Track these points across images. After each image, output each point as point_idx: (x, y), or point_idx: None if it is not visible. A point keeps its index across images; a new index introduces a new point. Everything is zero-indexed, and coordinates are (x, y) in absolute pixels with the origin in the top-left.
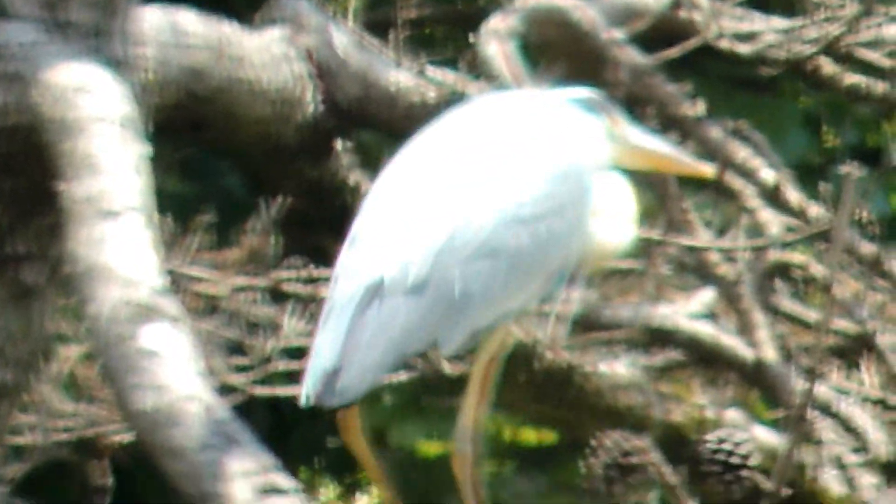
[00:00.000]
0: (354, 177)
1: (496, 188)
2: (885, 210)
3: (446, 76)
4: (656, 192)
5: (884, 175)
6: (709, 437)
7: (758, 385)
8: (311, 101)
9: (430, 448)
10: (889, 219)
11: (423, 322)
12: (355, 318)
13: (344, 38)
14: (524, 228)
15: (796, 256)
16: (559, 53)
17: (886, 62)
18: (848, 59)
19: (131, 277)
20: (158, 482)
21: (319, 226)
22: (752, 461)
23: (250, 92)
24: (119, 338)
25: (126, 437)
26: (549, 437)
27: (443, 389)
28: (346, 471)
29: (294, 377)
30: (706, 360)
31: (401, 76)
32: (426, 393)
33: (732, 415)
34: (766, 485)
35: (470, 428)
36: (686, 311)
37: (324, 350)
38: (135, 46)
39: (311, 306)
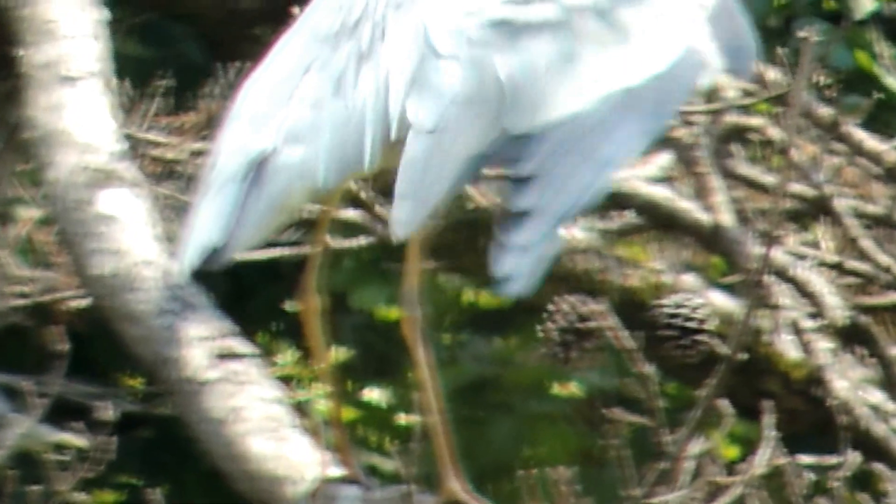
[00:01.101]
0: None
1: None
2: (847, 64)
3: None
4: None
5: (842, 35)
6: (665, 301)
7: (714, 249)
8: None
9: (388, 312)
10: (851, 74)
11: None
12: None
13: None
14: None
15: (753, 120)
16: None
17: None
18: None
19: (89, 142)
20: (115, 348)
21: None
22: (709, 325)
23: None
24: (77, 203)
25: (83, 303)
26: (506, 300)
27: (401, 254)
28: (303, 335)
29: None
30: (663, 224)
31: None
32: (385, 258)
33: (689, 279)
34: (722, 349)
35: (416, 290)
36: (643, 175)
37: (204, 226)
38: None
39: None
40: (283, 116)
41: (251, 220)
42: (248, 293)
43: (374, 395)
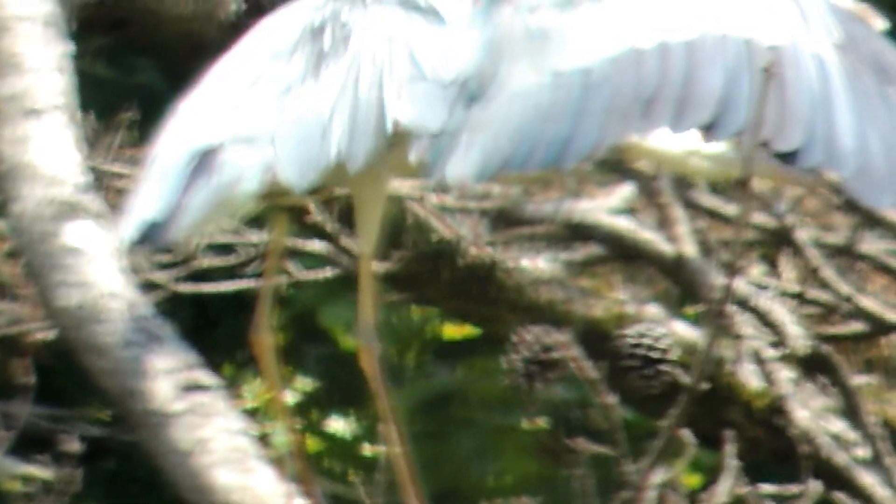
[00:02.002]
0: None
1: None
2: None
3: None
4: None
5: None
6: (628, 331)
7: (677, 280)
8: (232, 0)
9: (352, 342)
10: None
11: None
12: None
13: None
14: None
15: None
16: None
17: None
18: None
19: (55, 175)
20: (81, 380)
21: None
22: (672, 356)
23: None
24: (43, 235)
25: (49, 335)
26: (470, 330)
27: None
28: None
29: (218, 273)
30: (626, 255)
31: None
32: (349, 290)
33: (652, 309)
34: (685, 379)
35: (371, 322)
36: (606, 207)
37: (144, 203)
38: None
39: None
40: (229, 120)
41: (195, 205)
42: (212, 324)
43: (339, 425)
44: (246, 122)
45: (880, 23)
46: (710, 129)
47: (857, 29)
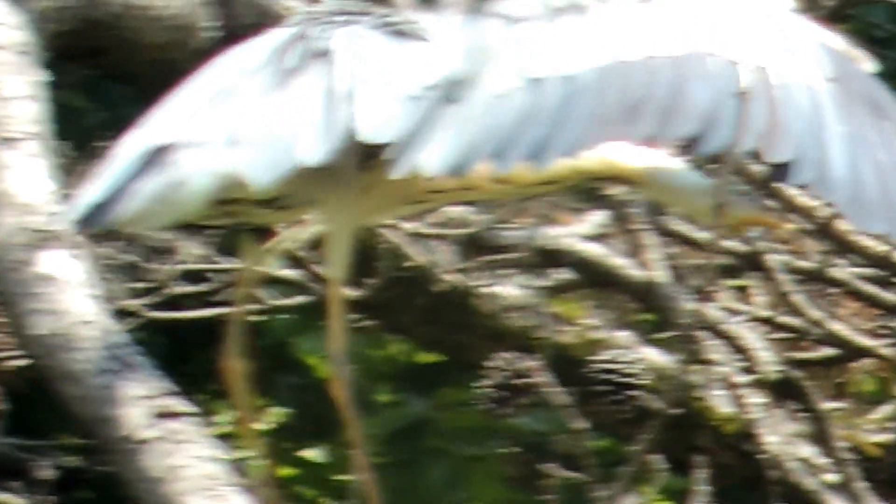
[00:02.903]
0: None
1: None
2: None
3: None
4: None
5: None
6: (599, 357)
7: (648, 305)
8: (206, 28)
9: (326, 370)
10: None
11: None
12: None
13: None
14: None
15: None
16: None
17: None
18: None
19: (29, 203)
20: (55, 408)
21: None
22: (642, 381)
23: (146, 18)
24: (16, 263)
25: (22, 363)
26: (441, 357)
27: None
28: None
29: (192, 301)
30: (597, 280)
31: (295, 3)
32: (322, 318)
33: (623, 335)
34: (655, 405)
35: (341, 349)
36: (578, 233)
37: (92, 188)
38: None
39: (207, 231)
40: (189, 124)
41: (143, 192)
42: (186, 354)
43: (311, 453)
44: (205, 126)
45: (871, 65)
46: (694, 142)
47: (849, 68)
